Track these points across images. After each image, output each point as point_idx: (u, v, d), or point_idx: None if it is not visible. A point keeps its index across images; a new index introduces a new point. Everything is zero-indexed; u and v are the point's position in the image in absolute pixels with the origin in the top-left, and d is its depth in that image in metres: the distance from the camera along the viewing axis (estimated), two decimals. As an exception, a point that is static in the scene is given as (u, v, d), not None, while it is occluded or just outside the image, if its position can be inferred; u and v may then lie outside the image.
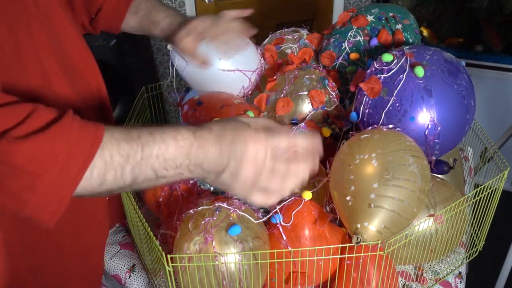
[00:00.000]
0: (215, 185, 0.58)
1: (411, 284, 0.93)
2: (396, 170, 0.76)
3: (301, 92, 1.02)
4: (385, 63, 0.90)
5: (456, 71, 0.88)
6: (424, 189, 0.78)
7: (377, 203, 0.75)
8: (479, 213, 0.91)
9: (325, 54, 1.13)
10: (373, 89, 0.89)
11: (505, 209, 1.32)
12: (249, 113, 0.99)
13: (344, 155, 0.83)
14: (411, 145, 0.81)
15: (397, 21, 1.10)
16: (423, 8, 2.47)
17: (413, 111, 0.85)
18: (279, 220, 0.81)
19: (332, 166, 0.85)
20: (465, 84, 0.88)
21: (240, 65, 1.07)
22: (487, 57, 2.35)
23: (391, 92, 0.87)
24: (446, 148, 0.91)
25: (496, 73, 2.33)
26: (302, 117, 1.03)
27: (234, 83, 1.09)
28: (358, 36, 1.09)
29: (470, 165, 1.29)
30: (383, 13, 1.11)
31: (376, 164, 0.77)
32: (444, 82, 0.86)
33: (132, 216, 0.93)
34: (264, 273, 0.80)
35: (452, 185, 0.94)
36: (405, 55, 0.89)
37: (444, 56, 0.90)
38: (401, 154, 0.78)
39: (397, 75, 0.87)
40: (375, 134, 0.83)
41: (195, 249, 0.75)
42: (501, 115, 2.31)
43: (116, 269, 1.00)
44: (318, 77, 1.05)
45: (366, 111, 0.91)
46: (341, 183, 0.80)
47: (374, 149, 0.79)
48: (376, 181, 0.76)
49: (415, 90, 0.85)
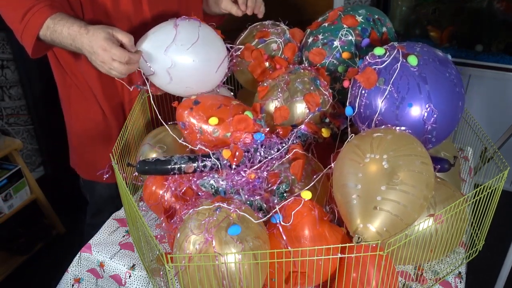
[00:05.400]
0: (88, 56, 0.99)
1: (411, 284, 0.93)
2: (405, 175, 0.76)
3: (296, 97, 1.03)
4: (378, 56, 0.92)
5: (446, 61, 0.91)
6: (427, 196, 0.78)
7: (382, 206, 0.75)
8: (479, 213, 0.91)
9: (314, 51, 1.13)
10: (369, 80, 0.90)
11: (505, 209, 1.32)
12: (247, 113, 0.99)
13: (353, 151, 0.82)
14: (422, 151, 0.81)
15: (382, 24, 1.14)
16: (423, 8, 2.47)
17: (410, 98, 0.87)
18: (279, 220, 0.81)
19: (337, 161, 0.84)
20: (455, 73, 0.91)
21: (206, 59, 1.07)
22: (487, 57, 2.35)
23: (388, 81, 0.88)
24: (441, 136, 0.92)
25: (496, 73, 2.33)
26: (300, 121, 1.03)
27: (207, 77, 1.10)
28: (349, 35, 1.11)
29: (470, 165, 1.29)
30: (369, 14, 1.14)
31: (387, 166, 0.77)
32: (436, 70, 0.88)
33: (132, 216, 0.93)
34: (264, 273, 0.80)
35: (452, 185, 0.94)
36: (396, 48, 0.91)
37: (433, 49, 0.93)
38: (412, 159, 0.78)
39: (391, 65, 0.89)
40: (388, 135, 0.82)
41: (195, 249, 0.75)
42: (501, 115, 2.31)
43: (116, 269, 1.00)
44: (309, 78, 1.05)
45: (362, 102, 0.92)
46: (346, 180, 0.79)
47: (386, 151, 0.78)
48: (384, 184, 0.76)
49: (410, 78, 0.87)
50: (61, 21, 1.00)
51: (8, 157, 2.08)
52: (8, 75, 2.28)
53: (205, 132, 0.98)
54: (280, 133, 1.00)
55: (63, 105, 1.35)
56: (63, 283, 1.07)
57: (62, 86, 1.30)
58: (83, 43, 0.98)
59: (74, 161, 1.44)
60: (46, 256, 2.20)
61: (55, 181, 2.42)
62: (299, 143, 0.99)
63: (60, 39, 1.01)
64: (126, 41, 0.97)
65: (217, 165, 0.94)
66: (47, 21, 1.00)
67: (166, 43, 1.02)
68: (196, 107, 1.01)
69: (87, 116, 1.29)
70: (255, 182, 0.92)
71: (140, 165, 0.94)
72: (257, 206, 0.90)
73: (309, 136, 1.01)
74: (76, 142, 1.38)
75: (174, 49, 1.02)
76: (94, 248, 1.04)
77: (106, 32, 0.96)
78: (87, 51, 0.98)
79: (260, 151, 0.95)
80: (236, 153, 0.94)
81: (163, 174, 0.96)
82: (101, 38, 0.95)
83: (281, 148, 0.97)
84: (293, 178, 0.93)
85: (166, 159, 0.94)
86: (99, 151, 1.31)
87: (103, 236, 1.08)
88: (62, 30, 1.00)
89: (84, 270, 1.06)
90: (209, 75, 1.09)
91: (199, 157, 0.94)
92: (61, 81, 1.29)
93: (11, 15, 1.05)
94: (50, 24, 1.00)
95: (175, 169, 0.94)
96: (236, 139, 0.98)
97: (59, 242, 2.27)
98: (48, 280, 1.37)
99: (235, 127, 0.98)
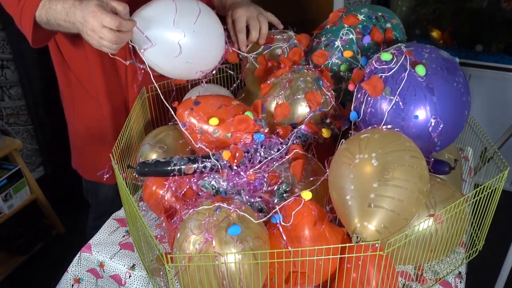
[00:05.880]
0: (81, 29, 0.96)
1: (411, 284, 0.93)
2: (396, 170, 0.76)
3: (298, 95, 1.03)
4: (385, 62, 0.90)
5: (454, 68, 0.90)
6: (422, 189, 0.79)
7: (377, 203, 0.75)
8: (479, 213, 0.91)
9: (317, 53, 1.13)
10: (375, 88, 0.89)
11: (505, 209, 1.32)
12: (248, 114, 0.99)
13: (344, 154, 0.83)
14: (411, 146, 0.81)
15: (386, 20, 1.13)
16: (423, 8, 2.48)
17: (416, 109, 0.86)
18: (279, 220, 0.81)
19: (331, 165, 0.85)
20: (462, 81, 0.89)
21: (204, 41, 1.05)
22: (487, 57, 2.35)
23: (394, 91, 0.87)
24: (445, 144, 0.92)
25: (496, 73, 2.33)
26: (300, 120, 1.03)
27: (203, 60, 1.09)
28: (350, 34, 1.10)
29: (470, 165, 1.29)
30: (372, 12, 1.13)
31: (376, 164, 0.77)
32: (444, 80, 0.87)
33: (132, 216, 0.94)
34: (264, 273, 0.80)
35: (452, 185, 0.94)
36: (404, 54, 0.89)
37: (441, 54, 0.91)
38: (400, 154, 0.79)
39: (398, 74, 0.88)
40: (375, 134, 0.83)
41: (195, 249, 0.75)
42: (501, 115, 2.31)
43: (116, 269, 1.00)
44: (312, 78, 1.05)
45: (368, 110, 0.91)
46: (340, 182, 0.80)
47: (374, 149, 0.79)
48: (376, 181, 0.76)
49: (417, 89, 0.86)
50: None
51: (8, 157, 2.08)
52: (8, 75, 2.28)
53: (205, 132, 0.98)
54: (280, 133, 1.00)
55: (66, 106, 1.35)
56: (63, 283, 1.07)
57: (65, 86, 1.30)
58: (75, 15, 0.95)
59: (77, 163, 1.44)
60: (46, 256, 2.20)
61: (55, 181, 2.43)
62: (299, 144, 0.99)
63: (55, 16, 0.99)
64: (121, 9, 0.93)
65: (217, 166, 0.94)
66: (43, 0, 1.00)
67: (168, 15, 1.00)
68: (196, 107, 1.00)
69: (91, 115, 1.29)
70: (256, 183, 0.92)
71: (140, 167, 0.93)
72: (257, 208, 0.90)
73: (309, 136, 1.01)
74: (79, 142, 1.38)
75: (180, 20, 1.00)
76: (94, 248, 1.04)
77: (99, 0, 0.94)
78: (80, 23, 0.94)
79: (260, 151, 0.95)
80: (236, 154, 0.94)
81: (163, 176, 0.96)
82: (92, 5, 0.92)
83: (281, 148, 0.97)
84: (293, 178, 0.93)
85: (165, 160, 0.94)
86: (104, 151, 1.31)
87: (103, 236, 1.08)
88: (56, 6, 0.98)
89: (84, 270, 1.06)
90: (210, 51, 1.09)
91: (199, 158, 0.94)
92: (64, 80, 1.29)
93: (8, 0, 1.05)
94: (45, 2, 1.00)
95: (175, 170, 0.94)
96: (236, 139, 0.98)
97: (59, 242, 2.27)
98: (48, 280, 1.37)
99: (236, 127, 0.98)
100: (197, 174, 0.96)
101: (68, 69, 1.25)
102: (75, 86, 1.27)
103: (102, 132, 1.31)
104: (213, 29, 1.08)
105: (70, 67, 1.25)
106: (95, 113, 1.28)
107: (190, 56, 1.05)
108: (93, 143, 1.33)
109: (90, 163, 1.38)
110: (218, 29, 1.10)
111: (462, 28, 2.43)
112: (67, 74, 1.26)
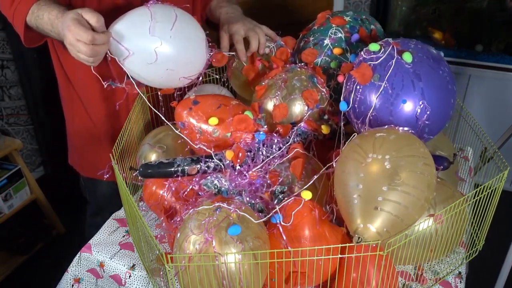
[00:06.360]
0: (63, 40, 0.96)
1: (411, 284, 0.93)
2: (407, 176, 0.76)
3: (294, 95, 1.03)
4: (373, 52, 0.92)
5: (439, 58, 0.92)
6: (428, 197, 0.78)
7: (384, 207, 0.75)
8: (479, 213, 0.91)
9: (306, 52, 1.15)
10: (364, 75, 0.91)
11: (505, 209, 1.32)
12: (247, 113, 0.99)
13: (355, 150, 0.82)
14: (424, 152, 0.81)
15: (370, 23, 1.17)
16: (423, 8, 2.48)
17: (404, 94, 0.88)
18: (279, 220, 0.81)
19: (340, 159, 0.84)
20: (447, 71, 0.92)
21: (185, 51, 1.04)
22: (487, 57, 2.35)
23: (383, 78, 0.89)
24: (434, 132, 0.93)
25: (496, 73, 2.33)
26: (299, 119, 1.03)
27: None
28: (339, 33, 1.13)
29: (470, 165, 1.29)
30: (357, 15, 1.18)
31: (389, 166, 0.77)
32: (430, 68, 0.89)
33: (132, 216, 0.93)
34: (264, 273, 0.80)
35: (452, 185, 0.94)
36: (391, 44, 0.92)
37: (427, 46, 0.94)
38: (414, 160, 0.78)
39: (386, 62, 0.90)
40: (391, 135, 0.82)
41: (195, 249, 0.75)
42: (501, 115, 2.31)
43: (116, 269, 1.00)
44: (306, 76, 1.06)
45: (357, 98, 0.93)
46: (348, 179, 0.79)
47: (389, 151, 0.78)
48: (386, 184, 0.75)
49: (405, 75, 0.88)
50: (44, 6, 1.00)
51: (8, 157, 2.09)
52: (8, 75, 2.28)
53: (204, 132, 0.98)
54: (280, 132, 1.00)
55: (65, 105, 1.35)
56: (63, 283, 1.07)
57: (65, 86, 1.29)
58: (58, 27, 0.96)
59: (74, 159, 1.44)
60: (46, 256, 2.20)
61: (55, 181, 2.43)
62: (299, 142, 0.99)
63: (42, 25, 1.00)
64: (93, 21, 0.92)
65: (220, 166, 0.94)
66: (33, 7, 1.01)
67: (144, 23, 0.98)
68: (195, 107, 1.00)
69: (91, 115, 1.29)
70: (257, 182, 0.92)
71: (143, 168, 0.93)
72: (257, 209, 0.90)
73: (309, 133, 1.01)
74: (79, 142, 1.38)
75: (156, 27, 0.99)
76: (94, 248, 1.04)
77: (75, 12, 0.92)
78: (62, 35, 0.95)
79: (262, 150, 0.95)
80: (239, 153, 0.94)
81: (166, 177, 0.96)
82: (68, 19, 0.91)
83: (282, 146, 0.97)
84: (293, 176, 0.93)
85: (169, 161, 0.94)
86: (103, 151, 1.31)
87: (103, 236, 1.08)
88: (43, 15, 0.99)
89: (84, 270, 1.06)
90: (190, 56, 1.07)
91: (202, 159, 0.94)
92: (63, 80, 1.29)
93: (3, 0, 1.06)
94: (34, 9, 1.01)
95: (179, 171, 0.93)
96: (236, 139, 0.98)
97: (59, 242, 2.27)
98: (48, 280, 1.37)
99: (236, 127, 0.98)
100: (199, 174, 0.95)
101: (67, 70, 1.25)
102: (74, 86, 1.27)
103: (102, 132, 1.31)
104: (193, 34, 1.07)
105: (67, 69, 1.25)
106: (95, 113, 1.28)
107: (170, 62, 1.03)
108: (92, 142, 1.33)
109: (89, 162, 1.38)
110: (198, 34, 1.08)
111: (462, 28, 2.43)
112: (66, 75, 1.26)
